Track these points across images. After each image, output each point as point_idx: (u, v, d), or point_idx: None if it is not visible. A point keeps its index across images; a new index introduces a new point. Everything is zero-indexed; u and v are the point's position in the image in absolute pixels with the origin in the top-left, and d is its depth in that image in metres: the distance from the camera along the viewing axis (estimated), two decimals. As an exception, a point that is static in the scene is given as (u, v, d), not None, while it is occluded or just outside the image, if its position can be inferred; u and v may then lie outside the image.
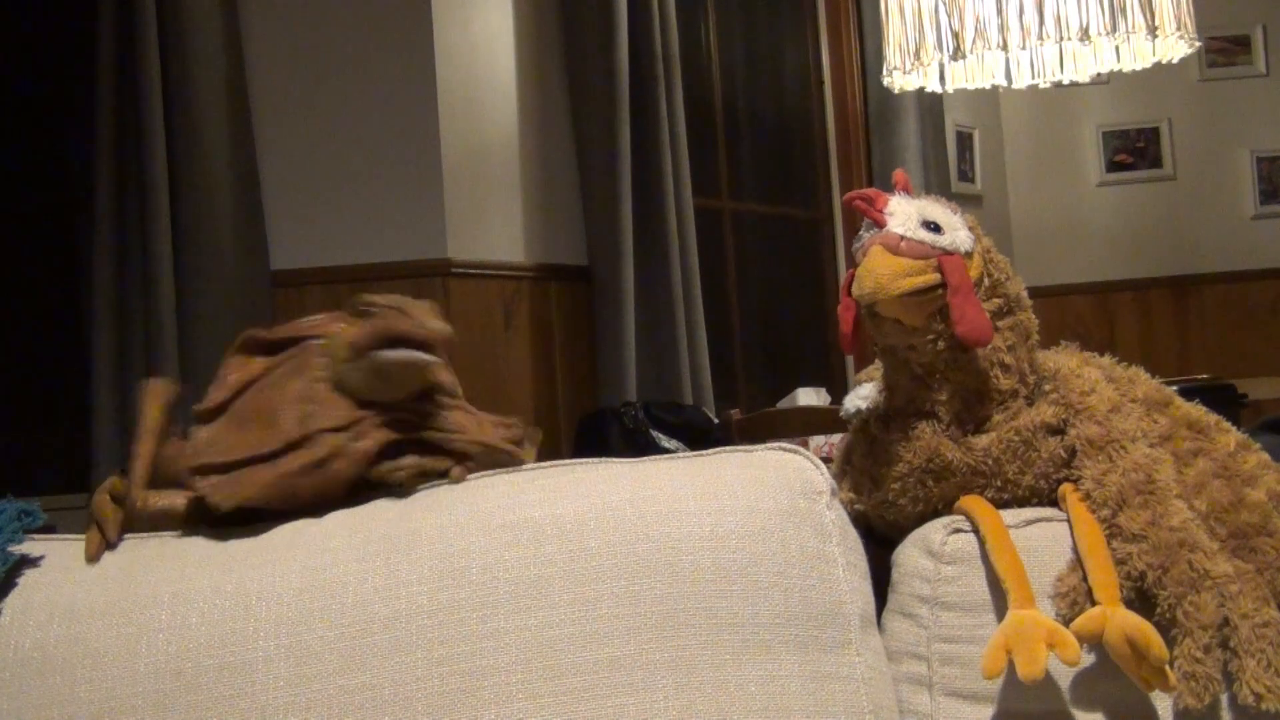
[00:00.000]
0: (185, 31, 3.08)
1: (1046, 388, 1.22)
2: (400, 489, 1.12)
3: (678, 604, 1.04)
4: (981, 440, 1.19)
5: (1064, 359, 1.26)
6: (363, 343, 1.09)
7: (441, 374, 1.16)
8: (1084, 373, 1.23)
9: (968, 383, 1.19)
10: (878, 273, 1.14)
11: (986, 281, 1.19)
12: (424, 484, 1.13)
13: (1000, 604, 1.13)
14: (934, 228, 1.17)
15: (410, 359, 1.09)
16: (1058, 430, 1.20)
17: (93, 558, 1.11)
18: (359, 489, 1.12)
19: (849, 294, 1.17)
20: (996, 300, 1.20)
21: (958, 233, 1.18)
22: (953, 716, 1.14)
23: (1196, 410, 1.26)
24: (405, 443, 1.13)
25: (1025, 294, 1.23)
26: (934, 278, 1.15)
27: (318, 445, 1.09)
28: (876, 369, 1.36)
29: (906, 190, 1.21)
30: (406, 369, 1.10)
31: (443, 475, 1.13)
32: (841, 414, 1.34)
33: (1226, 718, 1.12)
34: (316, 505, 1.12)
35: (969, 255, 1.18)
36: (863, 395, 1.32)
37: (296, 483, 1.10)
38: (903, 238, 1.16)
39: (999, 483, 1.19)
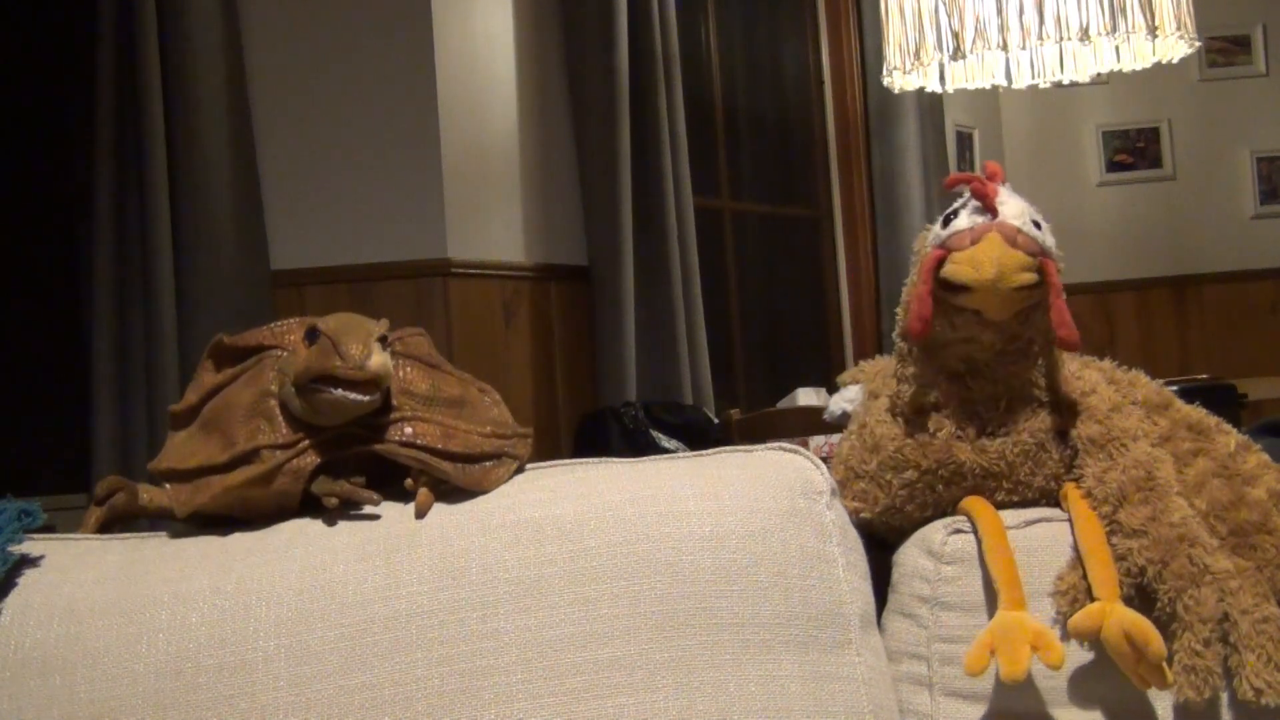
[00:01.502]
0: (185, 31, 3.08)
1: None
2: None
3: (678, 604, 1.04)
4: (995, 443, 1.18)
5: (1064, 360, 1.25)
6: (302, 375, 1.10)
7: (421, 383, 1.15)
8: (1084, 374, 1.23)
9: (1013, 386, 1.18)
10: (1002, 261, 1.13)
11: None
12: (363, 508, 1.12)
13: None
14: (1037, 225, 1.17)
15: (335, 401, 1.08)
16: (1065, 432, 1.20)
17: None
18: (314, 499, 1.12)
19: (932, 277, 1.15)
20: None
21: (1049, 236, 1.18)
22: (953, 716, 1.14)
23: (1197, 412, 1.26)
24: (355, 456, 1.12)
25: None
26: (1035, 277, 1.15)
27: (262, 460, 1.10)
28: (860, 371, 1.36)
29: (1003, 181, 1.20)
30: (333, 410, 1.09)
31: (377, 503, 1.12)
32: (826, 416, 1.33)
33: (1226, 714, 1.12)
34: (275, 514, 1.12)
35: (1059, 262, 1.18)
36: (848, 398, 1.31)
37: (245, 495, 1.11)
38: (1020, 230, 1.15)
39: (1009, 484, 1.19)
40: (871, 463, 1.23)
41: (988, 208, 1.16)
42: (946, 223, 1.19)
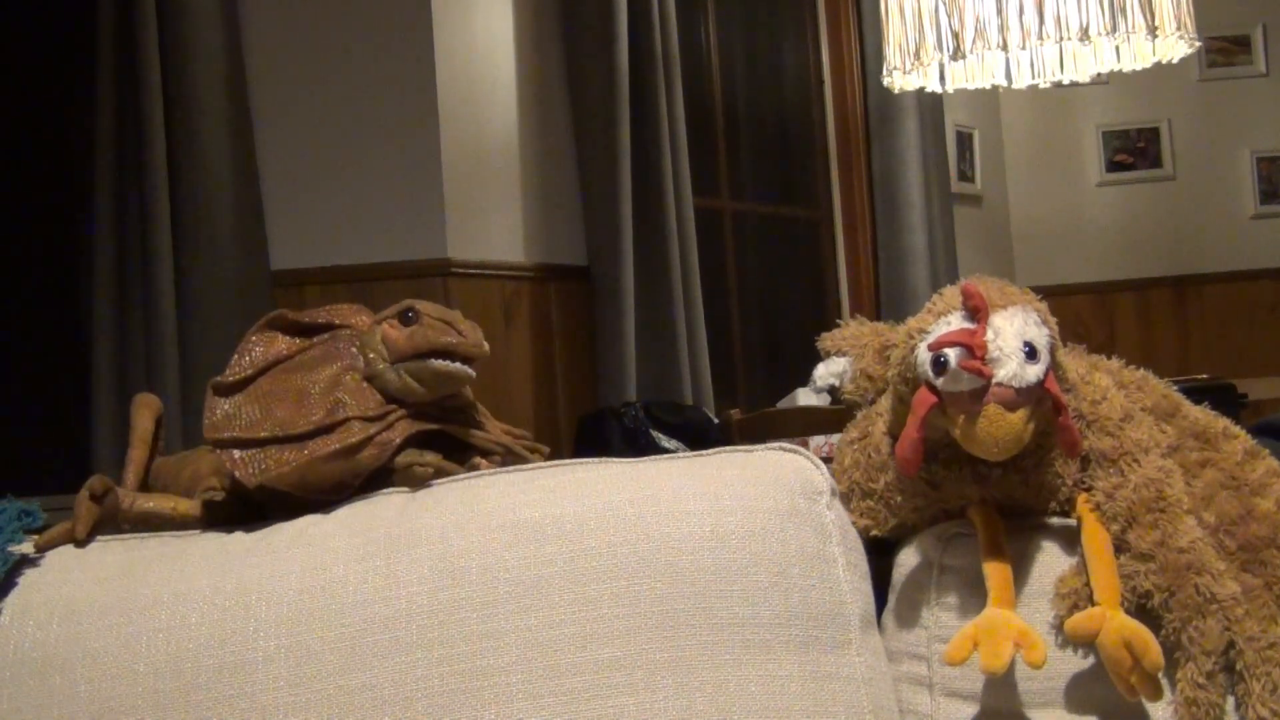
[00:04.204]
0: (185, 31, 3.08)
1: None
2: (415, 484, 1.14)
3: (678, 604, 1.04)
4: (1006, 479, 1.17)
5: (1072, 363, 1.23)
6: (408, 350, 1.13)
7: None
8: (1094, 379, 1.21)
9: (1028, 481, 1.18)
10: (1004, 441, 1.08)
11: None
12: (442, 480, 1.15)
13: (1000, 604, 1.13)
14: (1032, 353, 1.10)
15: (455, 371, 1.14)
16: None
17: (42, 545, 1.13)
18: (373, 480, 1.14)
19: (925, 424, 1.09)
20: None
21: (1045, 353, 1.12)
22: (953, 717, 1.14)
23: (1205, 417, 1.25)
24: (429, 435, 1.15)
25: (1058, 338, 1.17)
26: (1039, 410, 1.10)
27: (349, 431, 1.11)
28: (845, 339, 1.33)
29: (984, 305, 1.11)
30: (448, 380, 1.14)
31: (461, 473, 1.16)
32: (811, 385, 1.31)
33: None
34: (333, 493, 1.13)
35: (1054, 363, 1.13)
36: (835, 371, 1.30)
37: (323, 467, 1.11)
38: (1016, 391, 1.08)
39: (1021, 512, 1.18)
40: (879, 481, 1.21)
41: (977, 374, 1.08)
42: (938, 362, 1.11)
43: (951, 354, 1.09)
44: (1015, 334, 1.10)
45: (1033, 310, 1.14)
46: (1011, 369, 1.09)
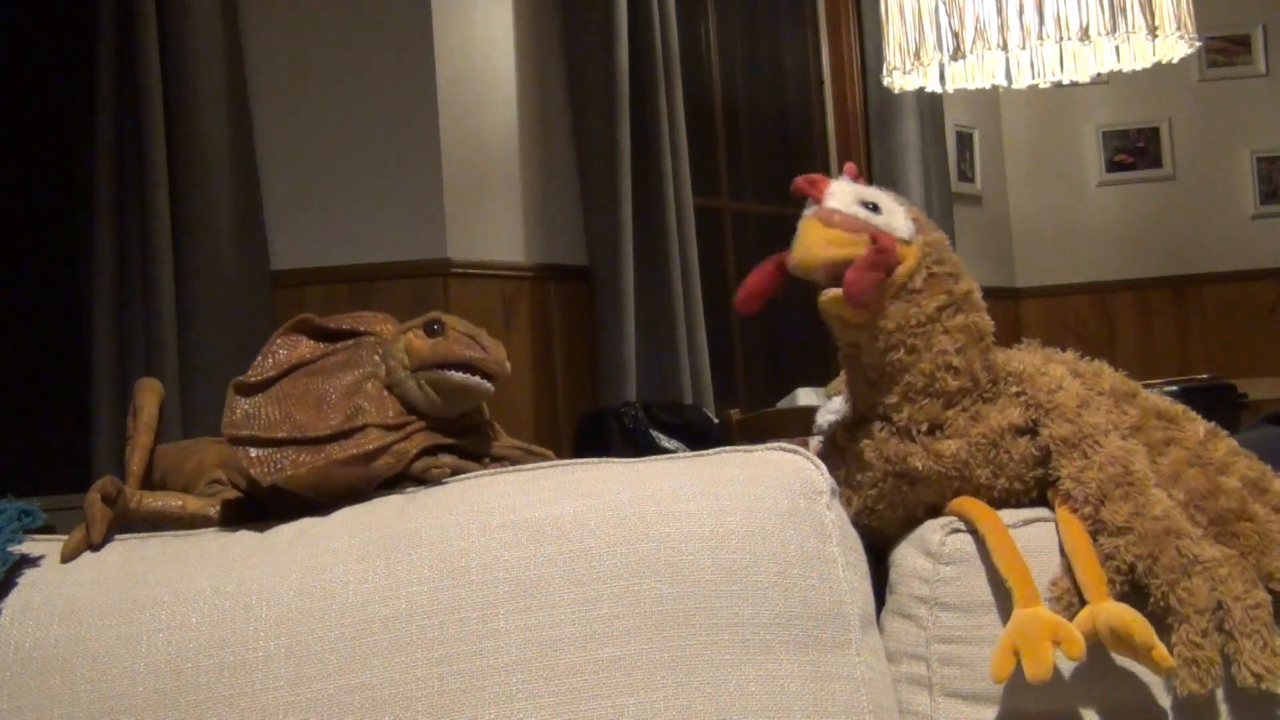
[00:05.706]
0: (185, 31, 3.09)
1: (1014, 389, 1.20)
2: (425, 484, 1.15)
3: (678, 604, 1.04)
4: (949, 446, 1.18)
5: (1027, 357, 1.24)
6: (430, 360, 1.13)
7: None
8: (1049, 370, 1.22)
9: (914, 383, 1.18)
10: (807, 241, 1.17)
11: (924, 274, 1.18)
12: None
13: (1000, 604, 1.13)
14: (872, 208, 1.18)
15: (475, 385, 1.14)
16: (1027, 431, 1.19)
17: (67, 556, 1.12)
18: (386, 482, 1.14)
19: (773, 266, 1.20)
20: (940, 297, 1.18)
21: (896, 218, 1.19)
22: (952, 717, 1.14)
23: (1163, 400, 1.26)
24: (444, 448, 1.16)
25: (978, 294, 1.21)
26: (850, 251, 1.15)
27: (366, 438, 1.12)
28: (844, 380, 1.36)
29: (854, 178, 1.23)
30: (469, 393, 1.14)
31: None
32: (815, 429, 1.34)
33: (1223, 704, 1.12)
34: (345, 497, 1.13)
35: (906, 243, 1.18)
36: (833, 409, 1.32)
37: (339, 471, 1.11)
38: (835, 211, 1.17)
39: (971, 488, 1.19)
40: (841, 466, 1.24)
41: (813, 201, 1.19)
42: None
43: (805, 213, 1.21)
44: (855, 192, 1.20)
45: (904, 206, 1.21)
46: (838, 199, 1.18)
